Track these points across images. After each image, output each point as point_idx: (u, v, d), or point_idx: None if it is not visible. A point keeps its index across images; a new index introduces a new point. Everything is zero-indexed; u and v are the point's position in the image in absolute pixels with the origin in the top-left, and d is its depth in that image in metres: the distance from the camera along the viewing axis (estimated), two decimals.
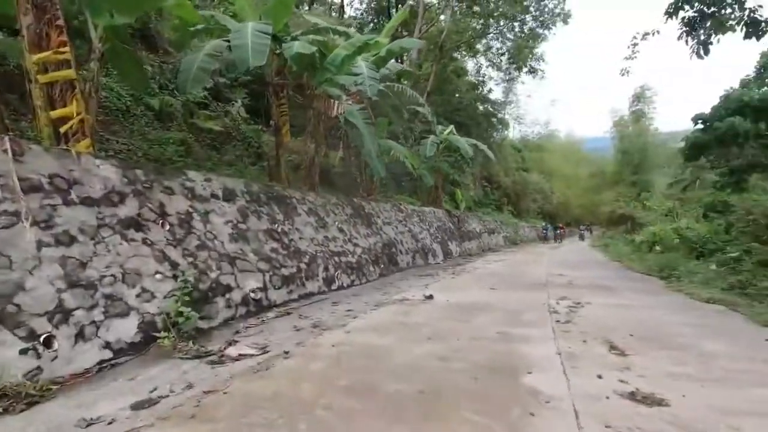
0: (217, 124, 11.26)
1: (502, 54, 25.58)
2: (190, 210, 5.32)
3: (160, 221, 4.79)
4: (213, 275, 5.00)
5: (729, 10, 6.81)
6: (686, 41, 7.42)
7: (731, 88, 33.98)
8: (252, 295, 5.40)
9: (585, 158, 63.62)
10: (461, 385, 2.82)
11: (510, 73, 26.25)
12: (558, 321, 4.64)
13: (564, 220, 51.94)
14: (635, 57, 8.25)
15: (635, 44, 8.09)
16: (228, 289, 5.11)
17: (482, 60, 26.49)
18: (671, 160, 48.61)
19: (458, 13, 23.91)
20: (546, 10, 22.68)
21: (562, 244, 29.35)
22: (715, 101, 14.96)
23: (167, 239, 4.73)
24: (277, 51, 8.29)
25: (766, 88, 33.41)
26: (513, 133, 43.16)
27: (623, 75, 8.93)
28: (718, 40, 6.93)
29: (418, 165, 16.08)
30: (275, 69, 9.11)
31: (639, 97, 53.49)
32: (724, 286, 7.90)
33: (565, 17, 22.45)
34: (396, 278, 9.08)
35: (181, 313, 4.10)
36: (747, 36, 6.78)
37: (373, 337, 4.06)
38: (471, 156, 18.26)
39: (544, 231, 35.21)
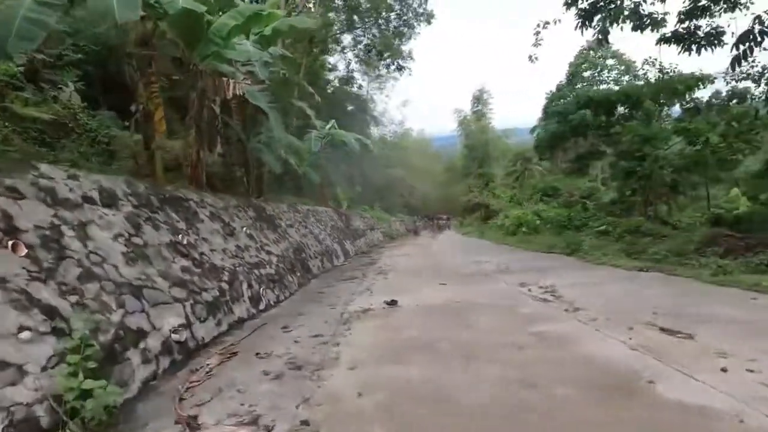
0: (45, 112, 8.33)
1: (369, 50, 25.65)
2: (56, 222, 3.42)
3: (9, 242, 2.89)
4: (115, 317, 3.26)
5: (620, 2, 7.47)
6: (582, 31, 7.99)
7: (551, 91, 40.37)
8: (175, 336, 3.75)
9: (438, 154, 69.47)
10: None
11: (378, 70, 26.48)
12: (566, 310, 4.25)
13: (424, 213, 55.80)
14: (540, 44, 8.67)
15: (538, 33, 8.49)
16: (141, 334, 3.41)
17: (350, 56, 26.18)
18: (506, 154, 56.24)
19: (319, 5, 23.12)
20: (410, 9, 23.41)
21: (436, 235, 30.73)
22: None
23: (28, 271, 2.87)
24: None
25: (573, 94, 40.60)
26: (375, 131, 44.25)
27: (532, 62, 9.34)
28: (622, 28, 7.58)
29: (303, 161, 14.87)
30: (139, 36, 7.06)
31: (478, 99, 60.43)
32: (623, 254, 8.88)
33: (429, 17, 23.56)
34: (319, 286, 7.89)
35: (83, 391, 2.43)
36: (633, 28, 7.55)
37: (393, 369, 3.03)
38: (358, 151, 17.73)
39: (416, 224, 35.86)
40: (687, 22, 7.95)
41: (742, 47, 6.97)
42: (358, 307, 5.26)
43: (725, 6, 7.62)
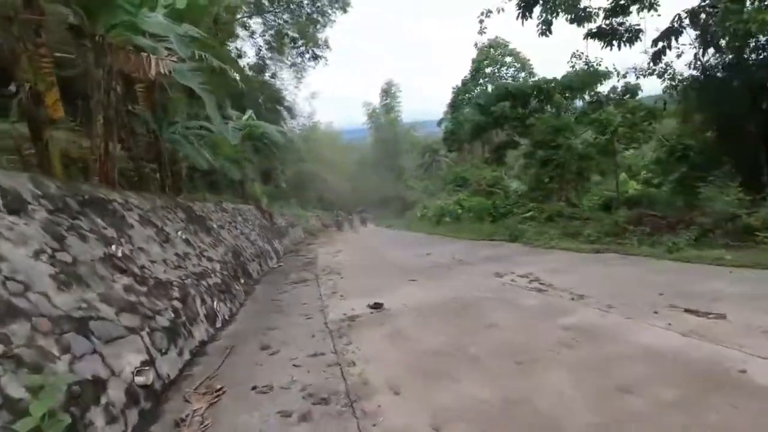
0: None
1: (282, 36, 24.24)
2: None
3: None
4: (61, 366, 2.33)
5: None
6: (522, 22, 8.17)
7: (456, 86, 42.34)
8: (139, 379, 2.85)
9: (348, 147, 69.25)
10: None
11: (293, 59, 25.14)
12: (573, 299, 4.16)
13: (340, 207, 55.37)
14: (485, 32, 8.70)
15: (482, 21, 8.51)
16: (99, 385, 2.50)
17: (261, 41, 24.47)
18: (415, 146, 58.02)
19: None
20: None
21: (359, 229, 29.45)
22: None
23: None
24: None
25: (478, 88, 42.99)
26: (291, 124, 42.33)
27: (476, 47, 9.31)
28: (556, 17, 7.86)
29: (218, 155, 13.45)
30: None
31: (387, 92, 61.29)
32: (564, 238, 9.40)
33: (344, 5, 22.87)
34: (269, 292, 7.05)
35: None
36: (570, 21, 7.90)
37: (448, 391, 2.55)
38: (282, 144, 16.60)
39: (338, 219, 33.11)
40: (611, 19, 8.58)
41: (661, 43, 7.67)
42: (341, 315, 4.66)
43: (641, 5, 8.35)
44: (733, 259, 5.12)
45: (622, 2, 8.39)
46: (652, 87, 13.21)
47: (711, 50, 8.21)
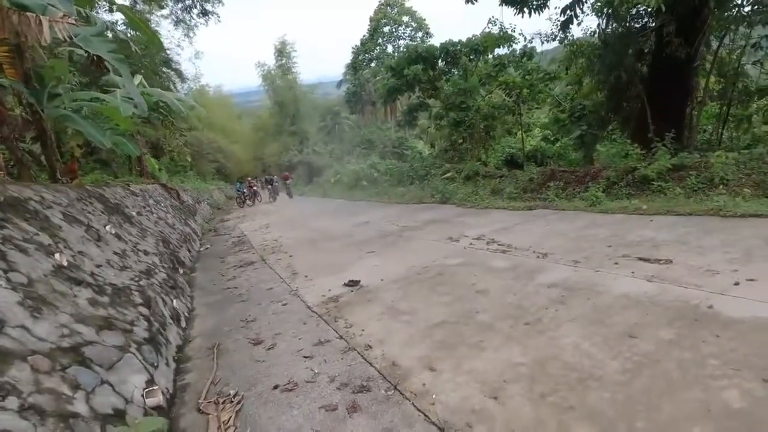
0: None
1: None
2: None
3: None
4: (81, 407, 2.02)
5: None
6: None
7: (356, 45, 41.55)
8: (151, 401, 2.57)
9: (245, 113, 64.78)
10: None
11: (178, 15, 22.18)
12: (538, 257, 4.62)
13: (238, 176, 52.41)
14: None
15: None
16: (120, 418, 2.21)
17: None
18: (316, 109, 56.43)
19: None
20: None
21: (275, 199, 26.11)
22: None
23: None
24: None
25: (378, 48, 42.65)
26: (180, 88, 37.85)
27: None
28: None
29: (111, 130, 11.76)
30: None
31: (281, 52, 57.77)
32: (490, 196, 10.16)
33: None
34: (214, 279, 6.60)
35: None
36: None
37: (503, 367, 2.76)
38: (183, 113, 14.94)
39: (239, 191, 26.97)
40: None
41: (569, 12, 8.39)
42: (321, 297, 4.60)
43: None
44: (648, 209, 6.09)
45: None
46: (544, 49, 14.43)
47: (607, 20, 9.26)
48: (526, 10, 9.59)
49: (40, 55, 9.88)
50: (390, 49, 43.18)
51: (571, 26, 9.12)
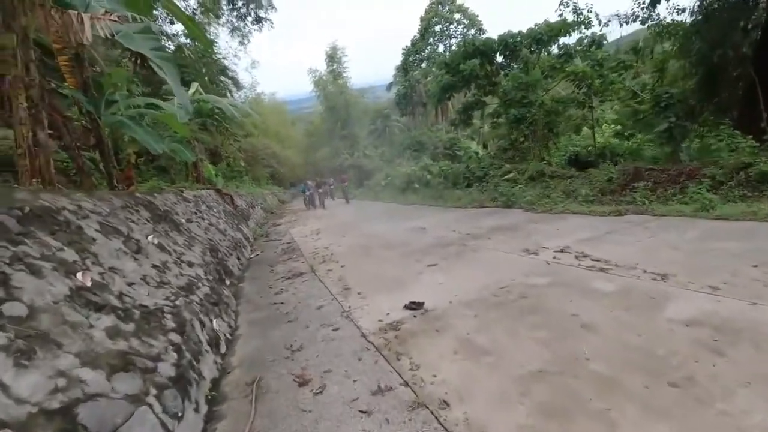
0: None
1: None
2: None
3: None
4: None
5: None
6: None
7: (407, 46, 40.97)
8: None
9: (298, 118, 66.36)
10: None
11: (234, 23, 22.69)
12: (654, 279, 3.62)
13: (291, 180, 53.63)
14: None
15: None
16: None
17: (192, 3, 21.83)
18: (366, 112, 56.49)
19: None
20: None
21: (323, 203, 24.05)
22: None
23: None
24: None
25: (429, 48, 41.87)
26: (237, 96, 39.26)
27: None
28: None
29: (168, 136, 11.86)
30: None
31: (332, 57, 58.48)
32: (565, 199, 9.02)
33: None
34: (260, 292, 6.11)
35: None
36: None
37: None
38: (237, 120, 15.02)
39: (308, 192, 23.92)
40: None
41: None
42: (377, 322, 3.89)
43: None
44: None
45: None
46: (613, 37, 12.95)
47: None
48: None
49: (100, 64, 10.03)
50: (441, 48, 42.14)
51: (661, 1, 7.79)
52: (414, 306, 4.07)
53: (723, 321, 2.69)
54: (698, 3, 8.30)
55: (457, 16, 41.04)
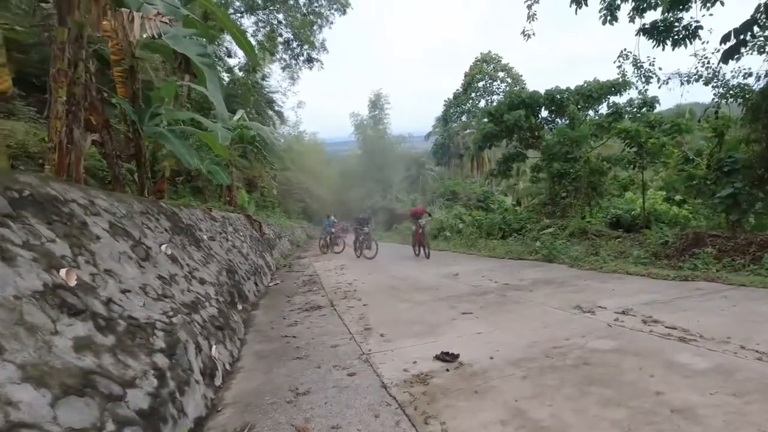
0: None
1: (275, 38, 22.88)
2: None
3: None
4: None
5: None
6: (576, 10, 7.07)
7: (448, 98, 41.77)
8: None
9: (333, 158, 68.05)
10: None
11: (286, 61, 23.70)
12: (759, 359, 2.85)
13: (320, 216, 54.10)
14: (535, 19, 7.57)
15: (530, 5, 7.39)
16: None
17: (252, 41, 23.02)
18: (401, 159, 57.32)
19: None
20: None
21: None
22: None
23: None
24: None
25: (470, 102, 42.54)
26: (281, 130, 40.73)
27: (527, 37, 8.19)
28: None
29: (203, 159, 11.93)
30: None
31: (375, 104, 60.54)
32: (614, 258, 8.20)
33: (343, 6, 21.66)
34: (273, 322, 5.55)
35: None
36: (634, 10, 6.80)
37: None
38: (276, 148, 15.16)
39: (327, 230, 18.90)
40: (669, 13, 7.58)
41: (734, 39, 6.64)
42: (402, 372, 3.22)
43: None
44: None
45: None
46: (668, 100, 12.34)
47: None
48: (668, 41, 7.94)
49: (152, 78, 10.26)
50: (483, 103, 42.70)
51: (736, 57, 7.23)
52: (447, 358, 3.39)
53: None
54: None
55: (501, 74, 41.81)
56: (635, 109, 14.80)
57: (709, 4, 7.52)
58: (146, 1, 5.58)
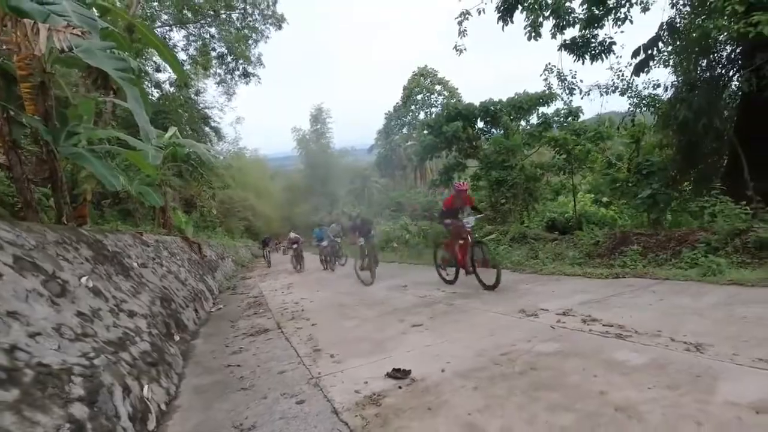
0: None
1: (207, 52, 22.11)
2: None
3: None
4: None
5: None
6: (503, 26, 7.47)
7: (389, 111, 42.58)
8: None
9: (278, 174, 66.65)
10: None
11: (221, 76, 22.88)
12: (688, 350, 3.03)
13: (265, 234, 52.61)
14: (465, 35, 7.85)
15: (461, 22, 7.68)
16: None
17: (183, 56, 22.10)
18: (346, 172, 57.37)
19: None
20: (256, 10, 20.94)
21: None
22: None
23: None
24: None
25: (410, 115, 43.61)
26: (219, 147, 39.07)
27: (458, 52, 8.43)
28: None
29: (131, 179, 11.15)
30: None
31: (317, 118, 60.25)
32: (553, 260, 8.60)
33: (279, 21, 21.37)
34: (215, 352, 5.19)
35: None
36: (555, 27, 7.33)
37: None
38: (212, 163, 14.49)
39: (324, 243, 15.71)
40: (585, 31, 8.23)
41: (643, 53, 7.33)
42: (354, 394, 3.09)
43: (616, 18, 8.10)
44: None
45: (596, 12, 8.14)
46: (591, 110, 13.44)
47: (695, 60, 8.15)
48: (587, 56, 8.65)
49: (68, 95, 9.46)
50: (422, 116, 43.92)
51: (646, 70, 8.01)
52: (399, 374, 3.32)
53: None
54: (678, 78, 8.59)
55: (438, 87, 43.30)
56: (562, 119, 15.85)
57: (620, 23, 8.34)
58: (56, 12, 5.11)
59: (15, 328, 2.62)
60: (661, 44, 7.87)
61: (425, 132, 16.72)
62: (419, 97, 43.56)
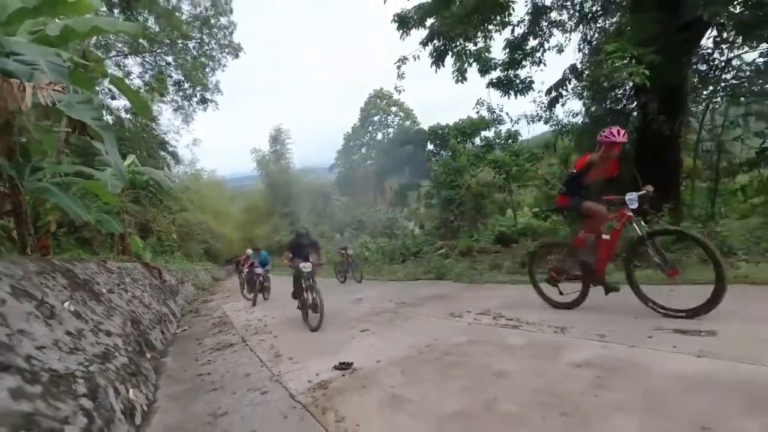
0: None
1: (163, 80, 22.37)
2: None
3: None
4: None
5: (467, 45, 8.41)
6: (436, 70, 8.64)
7: (347, 132, 43.68)
8: None
9: (238, 195, 65.75)
10: None
11: (179, 102, 23.15)
12: (555, 332, 4.04)
13: (227, 257, 51.82)
14: (403, 78, 8.93)
15: (399, 66, 8.77)
16: None
17: (138, 82, 22.23)
18: (306, 191, 57.52)
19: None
20: (213, 39, 21.54)
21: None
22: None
23: None
24: None
25: (368, 135, 44.84)
26: (176, 171, 38.54)
27: (398, 92, 9.48)
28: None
29: (89, 208, 11.41)
30: None
31: (276, 139, 60.38)
32: (489, 271, 9.67)
33: (236, 51, 22.05)
34: (187, 366, 5.78)
35: None
36: (479, 71, 8.56)
37: None
38: (172, 192, 14.81)
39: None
40: (508, 71, 9.59)
41: (554, 92, 8.70)
42: (306, 382, 3.88)
43: (532, 61, 9.52)
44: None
45: (516, 56, 9.54)
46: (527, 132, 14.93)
47: (593, 98, 9.67)
48: (511, 92, 10.05)
49: (31, 132, 9.80)
50: (380, 136, 45.43)
51: (557, 105, 9.45)
52: (343, 366, 4.14)
53: (606, 362, 3.12)
54: (588, 110, 10.14)
55: (393, 108, 45.09)
56: (503, 141, 17.41)
57: (535, 66, 9.79)
58: (33, 66, 5.68)
59: (26, 342, 3.24)
60: (571, 82, 9.33)
61: (380, 156, 17.80)
62: (376, 118, 45.03)
